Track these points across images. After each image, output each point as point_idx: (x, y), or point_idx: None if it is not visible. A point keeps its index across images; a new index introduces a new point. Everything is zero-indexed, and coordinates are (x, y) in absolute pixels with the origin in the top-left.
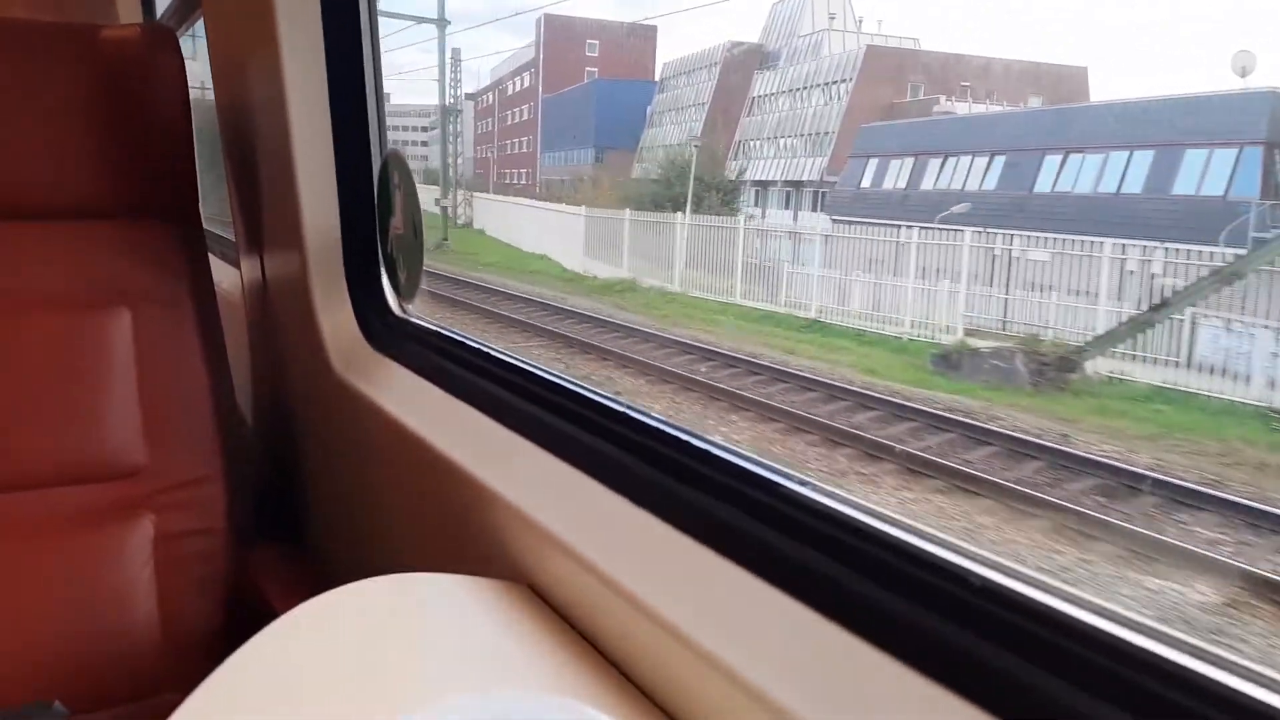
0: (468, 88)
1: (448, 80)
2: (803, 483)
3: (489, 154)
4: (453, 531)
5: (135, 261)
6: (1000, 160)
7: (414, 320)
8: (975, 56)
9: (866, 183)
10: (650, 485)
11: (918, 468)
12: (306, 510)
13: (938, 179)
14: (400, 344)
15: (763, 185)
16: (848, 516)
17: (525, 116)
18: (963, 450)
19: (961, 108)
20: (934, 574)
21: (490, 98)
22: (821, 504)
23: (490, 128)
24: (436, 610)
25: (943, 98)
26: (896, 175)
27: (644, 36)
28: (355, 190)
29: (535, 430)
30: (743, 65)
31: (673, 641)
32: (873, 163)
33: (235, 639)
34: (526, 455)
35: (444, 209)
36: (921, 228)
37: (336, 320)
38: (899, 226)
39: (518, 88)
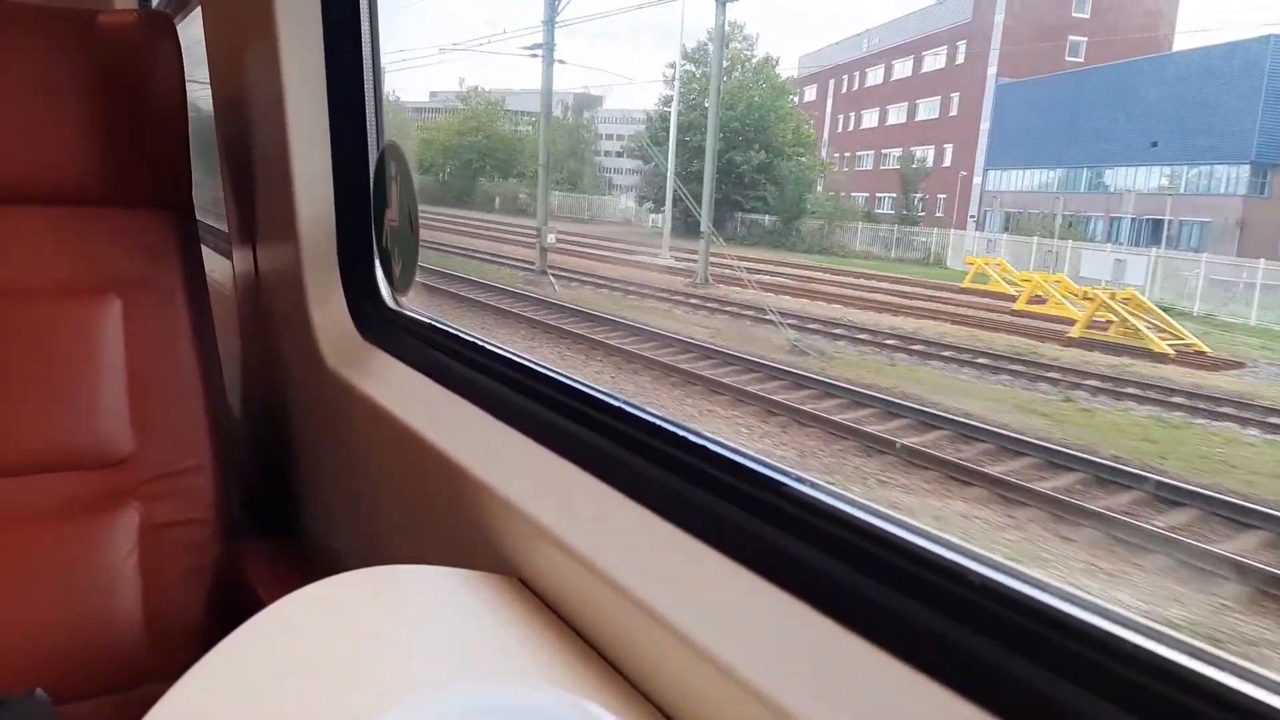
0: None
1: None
2: (800, 479)
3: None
4: (442, 523)
5: (127, 249)
6: None
7: (407, 312)
8: None
9: None
10: (640, 477)
11: None
12: (295, 501)
13: None
14: (393, 336)
15: None
16: (841, 511)
17: (925, 114)
18: None
19: None
20: (931, 570)
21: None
22: (815, 498)
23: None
24: (424, 602)
25: None
26: None
27: None
28: (351, 181)
29: (526, 422)
30: None
31: (662, 633)
32: None
33: (221, 630)
34: (517, 447)
35: None
36: None
37: (329, 312)
38: None
39: (889, 74)
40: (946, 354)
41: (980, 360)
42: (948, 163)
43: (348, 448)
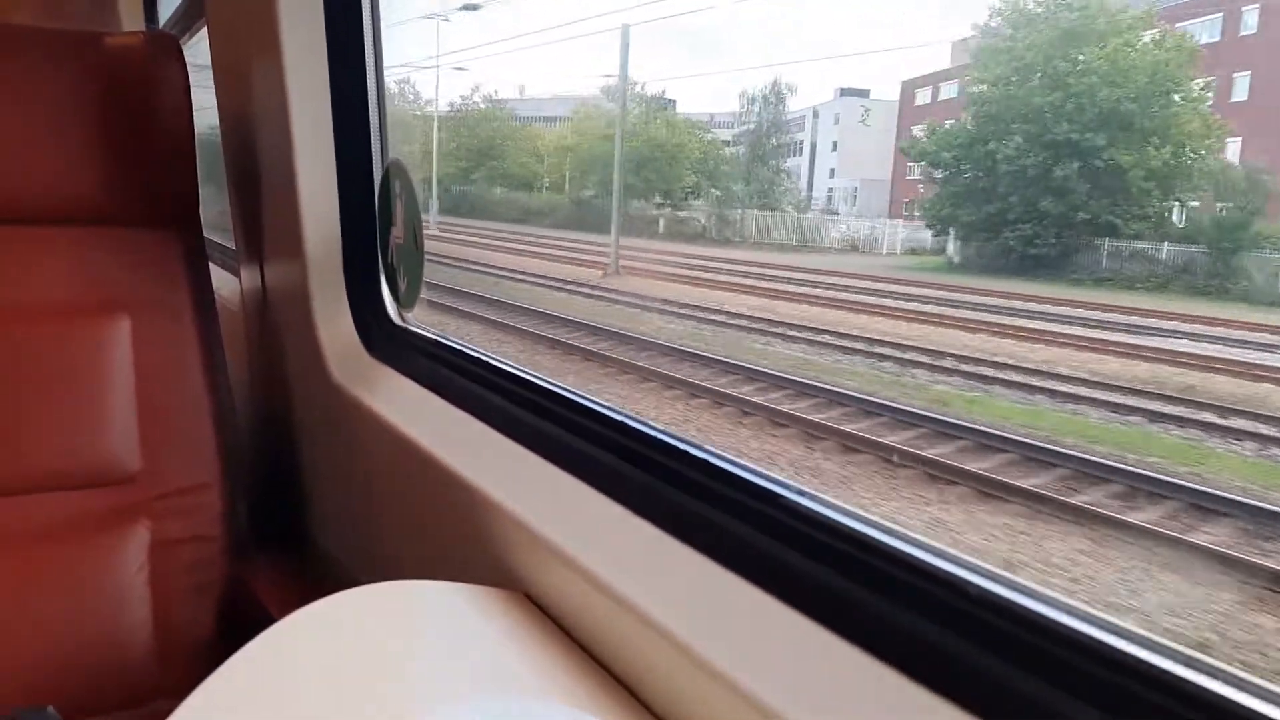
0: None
1: None
2: (801, 492)
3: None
4: (450, 539)
5: (135, 268)
6: None
7: (413, 329)
8: None
9: None
10: (648, 493)
11: None
12: (303, 516)
13: None
14: (399, 352)
15: None
16: (845, 525)
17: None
18: None
19: None
20: (932, 583)
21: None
22: (819, 513)
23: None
24: (433, 617)
25: None
26: None
27: None
28: (356, 199)
29: (533, 438)
30: None
31: (670, 649)
32: None
33: (231, 646)
34: (524, 463)
35: None
36: None
37: (336, 328)
38: None
39: None
40: None
41: None
42: (1232, 158)
43: (355, 463)
